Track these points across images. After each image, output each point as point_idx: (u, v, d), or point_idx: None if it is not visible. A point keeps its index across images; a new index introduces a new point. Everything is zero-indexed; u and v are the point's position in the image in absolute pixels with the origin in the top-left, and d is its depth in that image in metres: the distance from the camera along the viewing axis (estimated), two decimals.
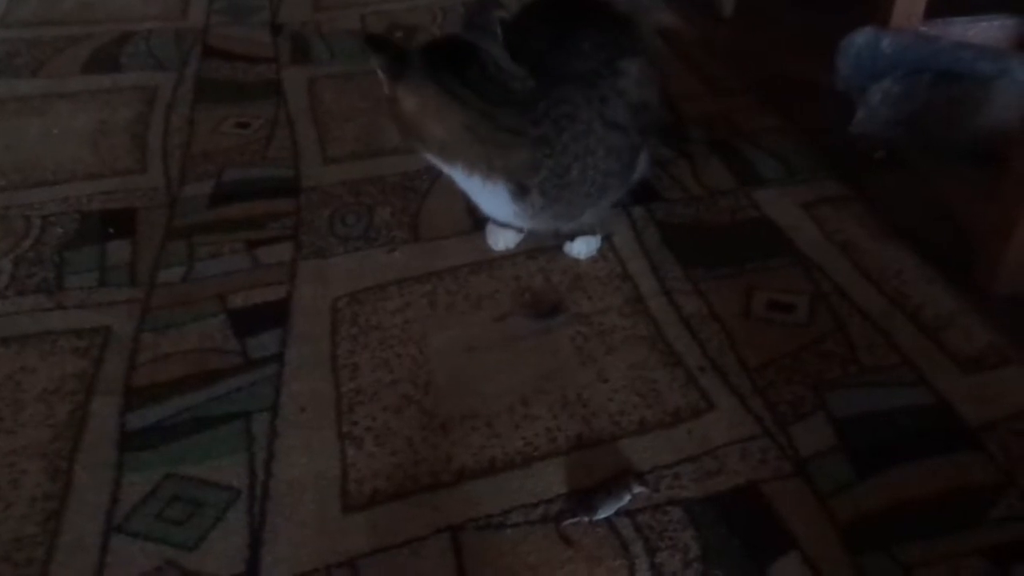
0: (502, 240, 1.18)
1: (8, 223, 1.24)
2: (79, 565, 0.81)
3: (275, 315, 1.08)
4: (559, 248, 1.18)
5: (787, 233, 1.20)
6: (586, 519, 0.84)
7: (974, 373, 0.98)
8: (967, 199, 1.20)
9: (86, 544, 0.83)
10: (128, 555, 0.82)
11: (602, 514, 0.84)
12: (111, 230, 1.23)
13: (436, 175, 1.32)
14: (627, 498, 0.85)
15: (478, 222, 1.21)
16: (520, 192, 1.02)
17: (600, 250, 1.17)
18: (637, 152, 1.11)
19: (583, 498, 0.86)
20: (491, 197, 1.04)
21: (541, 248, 1.18)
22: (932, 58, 1.28)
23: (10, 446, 0.92)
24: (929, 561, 0.80)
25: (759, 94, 1.51)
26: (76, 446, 0.92)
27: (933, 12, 1.44)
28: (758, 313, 1.07)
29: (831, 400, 0.95)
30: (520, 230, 1.17)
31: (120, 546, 0.83)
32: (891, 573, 0.79)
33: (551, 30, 1.07)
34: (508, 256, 1.18)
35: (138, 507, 0.86)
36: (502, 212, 1.08)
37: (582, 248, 1.16)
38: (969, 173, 1.22)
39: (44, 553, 0.82)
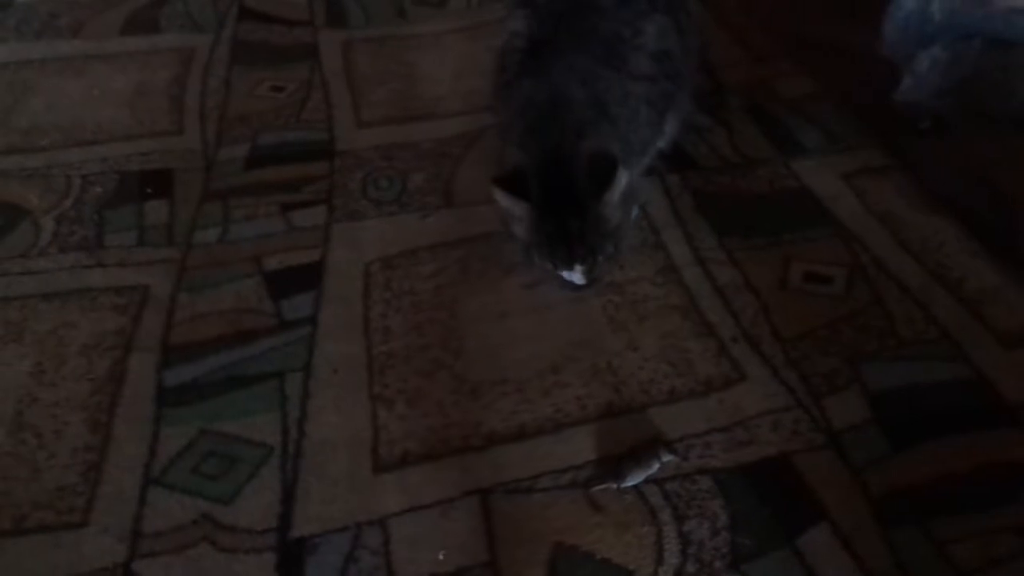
0: None
1: (50, 182, 1.26)
2: (119, 515, 0.84)
3: (309, 278, 1.09)
4: None
5: (826, 203, 1.17)
6: (615, 486, 0.84)
7: (1015, 348, 0.96)
8: (1014, 170, 1.16)
9: (125, 495, 0.85)
10: (166, 507, 0.84)
11: (631, 481, 0.84)
12: (149, 190, 1.24)
13: (470, 141, 1.32)
14: (656, 466, 0.85)
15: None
16: None
17: (635, 219, 1.16)
18: (670, 98, 1.10)
19: (612, 465, 0.86)
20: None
21: None
22: (983, 23, 1.23)
23: (53, 398, 0.95)
24: (961, 537, 0.79)
25: (800, 60, 1.48)
26: (115, 400, 0.94)
27: None
28: (794, 284, 1.06)
29: (867, 373, 0.94)
30: None
31: (158, 498, 0.85)
32: (923, 548, 0.78)
33: None
34: None
35: (175, 461, 0.88)
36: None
37: None
38: (1017, 143, 1.18)
39: (85, 502, 0.85)
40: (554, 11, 1.06)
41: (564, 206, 0.94)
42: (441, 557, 0.80)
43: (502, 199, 0.95)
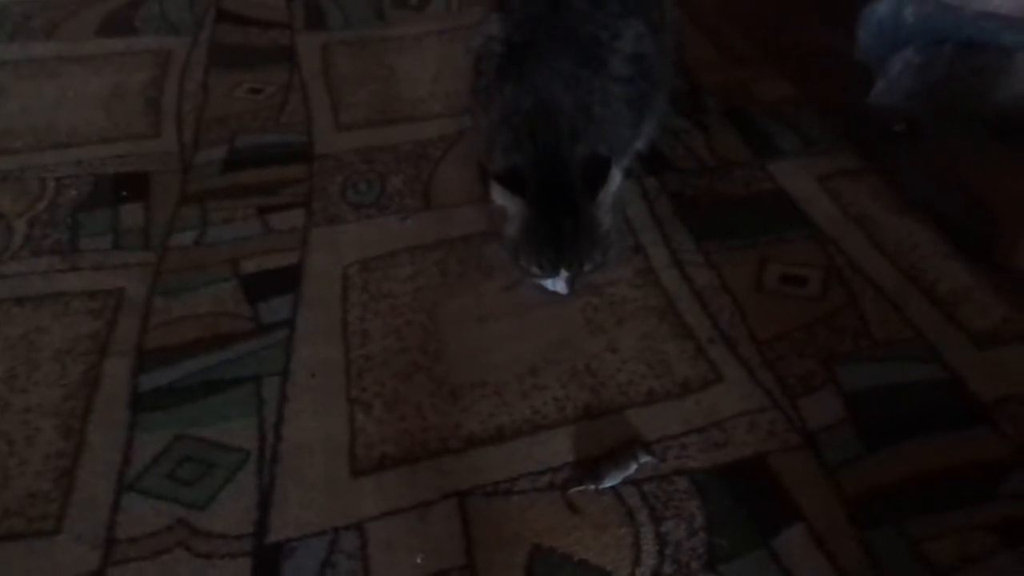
0: None
1: (23, 185, 1.25)
2: (92, 521, 0.83)
3: (287, 281, 1.09)
4: None
5: (802, 206, 1.18)
6: (592, 487, 0.84)
7: (988, 348, 0.97)
8: (988, 172, 1.18)
9: (99, 501, 0.84)
10: (140, 513, 0.83)
11: (608, 483, 0.85)
12: (124, 193, 1.23)
13: (449, 144, 1.32)
14: (634, 467, 0.85)
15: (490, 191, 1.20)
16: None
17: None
18: (647, 99, 1.10)
19: (590, 467, 0.86)
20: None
21: None
22: (955, 27, 1.25)
23: (24, 404, 0.93)
24: (936, 535, 0.79)
25: (776, 63, 1.49)
26: (89, 406, 0.93)
27: None
28: (770, 286, 1.06)
29: (842, 374, 0.95)
30: None
31: (132, 504, 0.84)
32: (898, 547, 0.79)
33: None
34: None
35: (150, 467, 0.88)
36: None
37: None
38: (990, 146, 1.20)
39: (58, 509, 0.84)
40: (530, 15, 1.06)
41: (559, 207, 0.95)
42: (419, 561, 0.80)
43: (500, 197, 0.96)
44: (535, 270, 0.98)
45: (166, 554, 0.80)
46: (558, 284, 1.00)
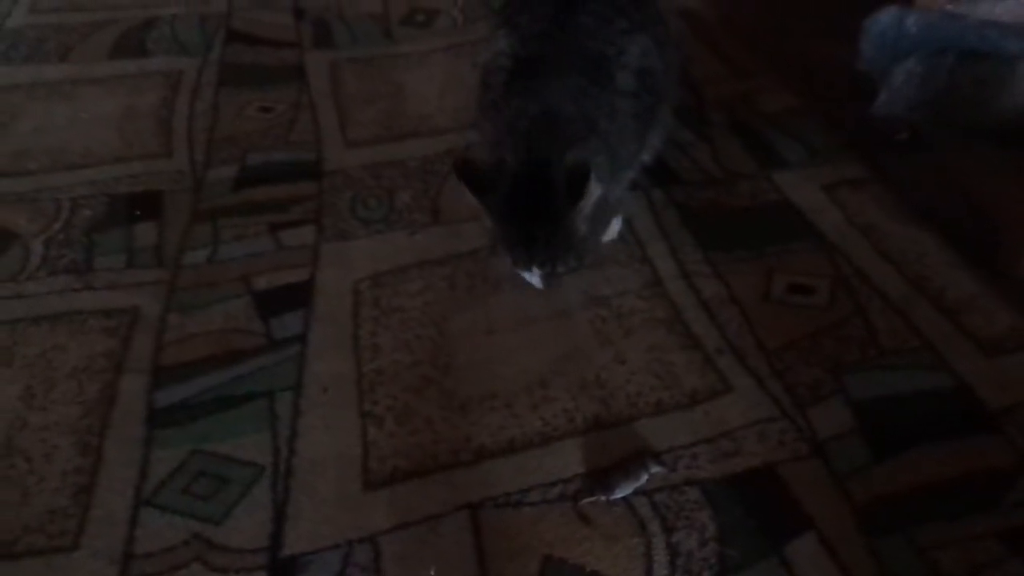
0: None
1: (39, 205, 1.27)
2: (109, 537, 0.84)
3: (298, 297, 1.10)
4: None
5: (808, 216, 1.19)
6: (603, 498, 0.85)
7: (995, 356, 0.97)
8: (991, 181, 1.18)
9: (116, 517, 0.85)
10: (157, 528, 0.85)
11: (619, 493, 0.85)
12: (138, 213, 1.25)
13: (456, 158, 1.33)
14: (644, 478, 0.86)
15: None
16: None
17: (620, 232, 1.18)
18: (653, 112, 1.12)
19: (600, 478, 0.87)
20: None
21: None
22: (957, 37, 1.25)
23: (42, 422, 0.95)
24: (945, 544, 0.80)
25: (780, 74, 1.50)
26: (106, 423, 0.95)
27: None
28: (777, 296, 1.07)
29: (850, 383, 0.95)
30: None
31: (149, 520, 0.85)
32: (906, 555, 0.79)
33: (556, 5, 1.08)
34: None
35: (166, 482, 0.89)
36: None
37: None
38: (993, 155, 1.20)
39: (76, 525, 0.85)
40: (537, 31, 1.07)
41: (537, 211, 0.95)
42: (432, 573, 0.80)
43: (463, 187, 0.96)
44: (509, 261, 1.00)
45: (183, 569, 0.81)
46: (533, 278, 1.01)
